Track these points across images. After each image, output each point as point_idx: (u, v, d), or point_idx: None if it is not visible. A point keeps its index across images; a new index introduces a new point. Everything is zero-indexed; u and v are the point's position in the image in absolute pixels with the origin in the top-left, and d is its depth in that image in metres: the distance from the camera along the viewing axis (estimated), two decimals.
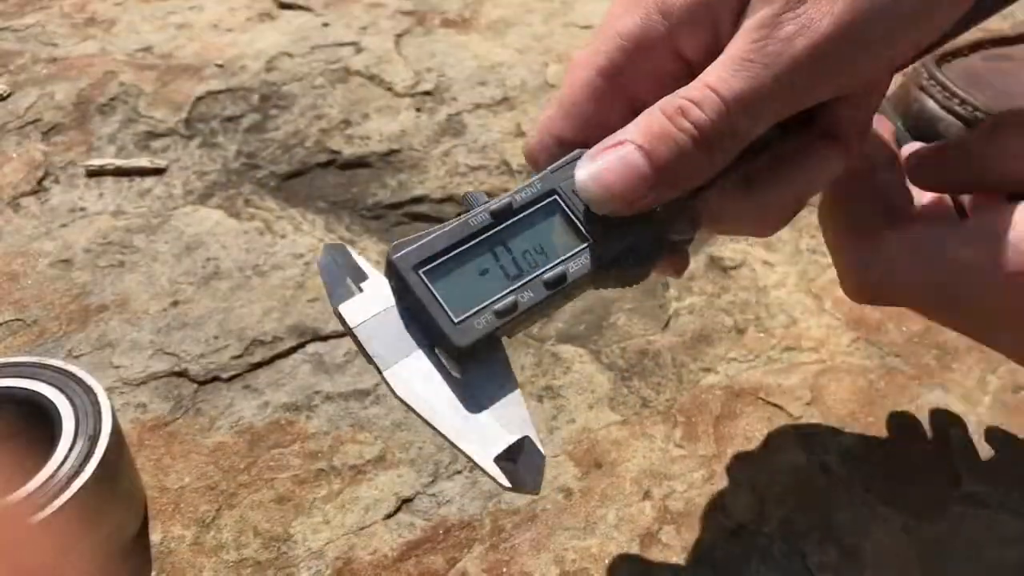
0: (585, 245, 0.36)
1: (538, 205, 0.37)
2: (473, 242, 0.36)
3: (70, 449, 0.45)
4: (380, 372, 0.34)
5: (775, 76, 0.34)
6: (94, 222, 0.68)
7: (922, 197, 0.44)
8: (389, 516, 0.50)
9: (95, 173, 0.72)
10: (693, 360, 0.57)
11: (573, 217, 0.37)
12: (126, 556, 0.48)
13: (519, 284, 0.36)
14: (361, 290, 0.35)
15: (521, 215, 0.36)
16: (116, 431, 0.46)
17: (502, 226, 0.36)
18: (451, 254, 0.35)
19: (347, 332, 0.35)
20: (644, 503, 0.50)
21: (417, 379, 0.34)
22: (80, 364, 0.55)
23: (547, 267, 0.36)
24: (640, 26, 0.37)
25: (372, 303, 0.35)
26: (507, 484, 0.33)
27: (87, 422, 0.46)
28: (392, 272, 0.35)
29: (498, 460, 0.33)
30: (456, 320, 0.34)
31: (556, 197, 0.37)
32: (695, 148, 0.35)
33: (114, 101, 0.79)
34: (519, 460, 0.33)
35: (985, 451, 0.52)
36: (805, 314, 0.60)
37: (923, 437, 0.53)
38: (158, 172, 0.72)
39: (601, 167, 0.35)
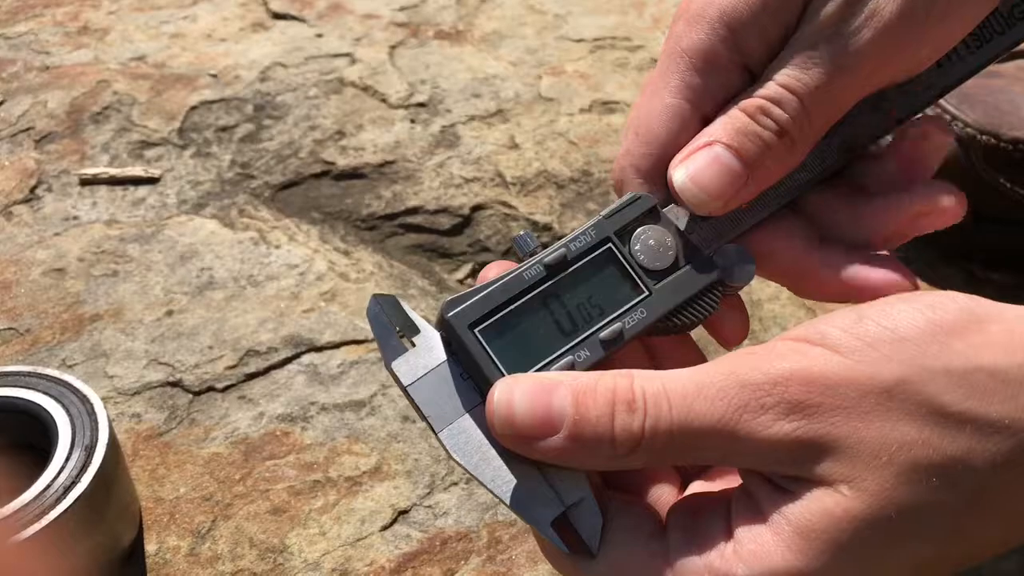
0: (642, 298, 0.36)
1: (592, 255, 0.36)
2: (527, 297, 0.35)
3: (66, 460, 0.44)
4: (435, 433, 0.33)
5: (845, 68, 0.36)
6: (87, 231, 0.68)
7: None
8: (385, 528, 0.50)
9: (88, 182, 0.72)
10: None
11: (628, 268, 0.36)
12: (121, 566, 0.48)
13: (575, 342, 0.35)
14: (413, 344, 0.34)
15: (575, 266, 0.35)
16: (112, 441, 0.46)
17: (556, 279, 0.35)
18: (506, 311, 0.34)
19: (400, 389, 0.34)
20: None
21: (471, 439, 0.33)
22: (74, 374, 0.55)
23: (603, 323, 0.35)
24: (706, 41, 0.37)
25: (425, 359, 0.34)
26: (565, 549, 0.32)
27: (83, 432, 0.46)
28: (446, 329, 0.34)
29: (555, 524, 0.32)
30: None
31: (611, 246, 0.36)
32: (779, 142, 0.36)
33: (107, 110, 0.79)
34: (577, 523, 0.32)
35: None
36: None
37: None
38: (152, 181, 0.72)
39: (697, 167, 0.36)
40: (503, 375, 0.33)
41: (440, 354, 0.34)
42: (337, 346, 0.60)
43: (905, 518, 0.28)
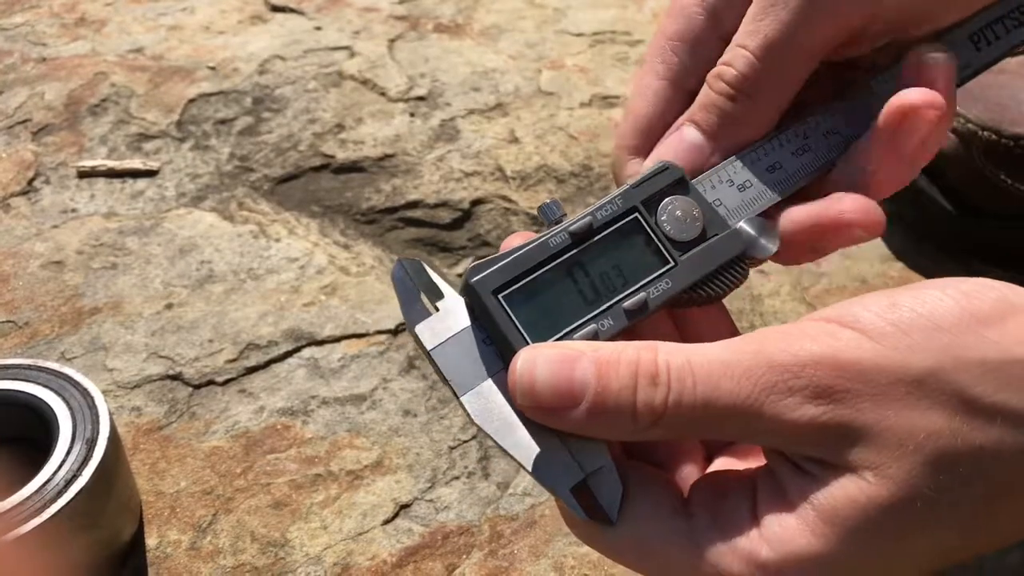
0: (667, 268, 0.36)
1: (618, 224, 0.36)
2: (552, 264, 0.35)
3: (67, 453, 0.44)
4: (457, 396, 0.33)
5: (794, 15, 0.36)
6: (86, 223, 0.67)
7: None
8: (387, 522, 0.50)
9: (87, 174, 0.71)
10: None
11: (655, 237, 0.36)
12: (122, 561, 0.47)
13: (599, 311, 0.34)
14: (437, 309, 0.34)
15: (601, 235, 0.35)
16: (113, 435, 0.46)
17: (582, 247, 0.35)
18: (530, 277, 0.34)
19: (423, 352, 0.34)
20: None
21: (493, 404, 0.33)
22: (73, 367, 0.54)
23: (628, 292, 0.35)
24: (684, 23, 0.39)
25: (448, 324, 0.34)
26: (584, 516, 0.32)
27: (84, 426, 0.45)
28: (470, 294, 0.34)
29: (574, 490, 0.32)
30: None
31: (637, 215, 0.36)
32: (735, 105, 0.37)
33: (105, 102, 0.78)
34: (597, 490, 0.33)
35: None
36: None
37: None
38: (150, 174, 0.72)
39: (661, 149, 0.38)
40: (527, 342, 0.33)
41: (464, 319, 0.34)
42: (338, 340, 0.59)
43: (930, 507, 0.28)
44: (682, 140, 0.38)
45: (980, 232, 0.63)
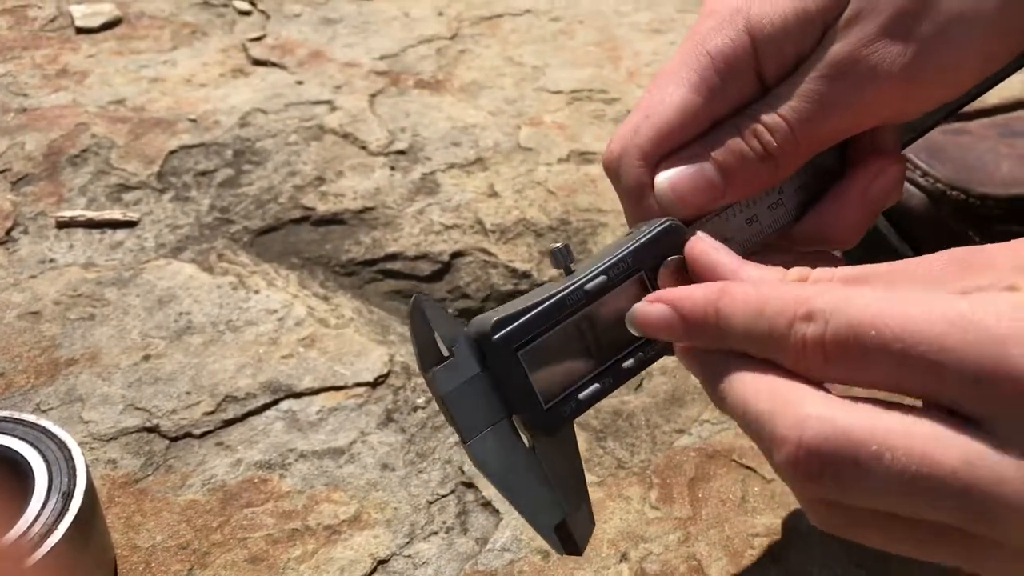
0: None
1: (625, 283, 0.37)
2: (566, 322, 0.36)
3: (43, 507, 0.44)
4: (463, 441, 0.36)
5: (840, 112, 0.38)
6: (64, 274, 0.67)
7: None
8: None
9: (65, 224, 0.71)
10: (666, 421, 0.58)
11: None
12: None
13: (603, 368, 0.37)
14: (452, 355, 0.36)
15: (609, 294, 0.37)
16: (90, 488, 0.45)
17: (593, 305, 0.37)
18: (546, 335, 0.36)
19: (434, 395, 0.36)
20: (621, 565, 0.50)
21: (495, 448, 0.36)
22: (49, 418, 0.54)
23: (627, 351, 0.37)
24: (730, 47, 0.39)
25: (461, 370, 0.36)
26: (562, 551, 0.36)
27: (60, 478, 0.45)
28: (490, 348, 0.35)
29: (557, 529, 0.36)
30: (546, 406, 0.36)
31: (643, 275, 0.37)
32: (761, 165, 0.39)
33: (85, 153, 0.78)
34: (574, 528, 0.36)
35: None
36: None
37: None
38: (130, 225, 0.72)
39: (680, 177, 0.39)
40: (539, 400, 0.36)
41: (474, 365, 0.36)
42: (316, 392, 0.59)
43: None
44: (704, 176, 0.39)
45: None
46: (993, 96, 0.54)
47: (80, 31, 0.94)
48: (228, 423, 0.57)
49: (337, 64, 0.91)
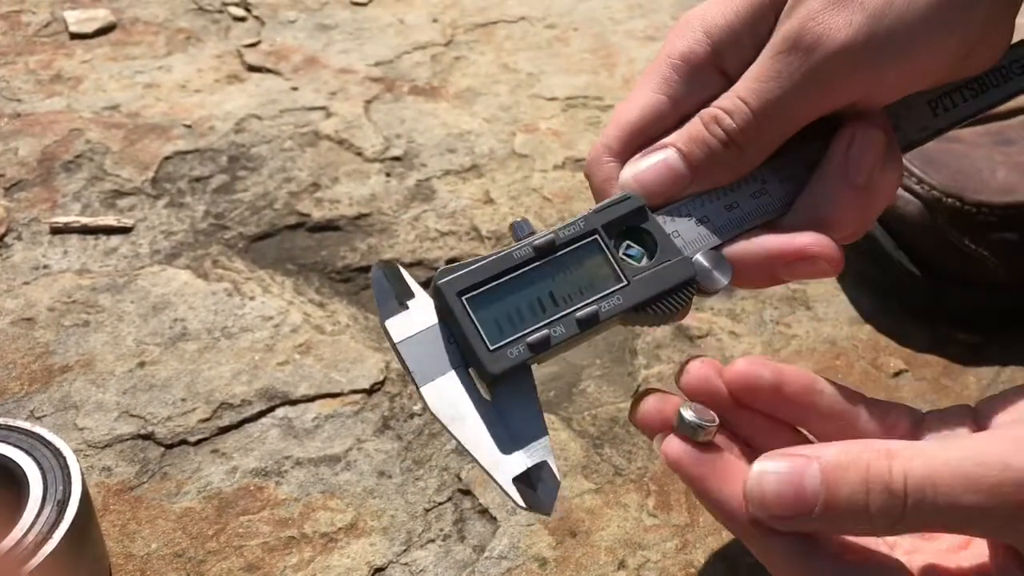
0: (620, 286, 0.39)
1: (579, 243, 0.39)
2: (514, 274, 0.38)
3: (38, 515, 0.43)
4: (417, 387, 0.37)
5: (796, 85, 0.38)
6: (58, 280, 0.67)
7: None
8: None
9: (59, 230, 0.71)
10: None
11: (611, 258, 0.39)
12: None
13: (553, 318, 0.38)
14: (407, 307, 0.38)
15: (562, 252, 0.39)
16: (85, 496, 0.45)
17: (543, 261, 0.38)
18: (493, 284, 0.38)
19: (391, 346, 0.38)
20: (619, 573, 0.50)
21: (450, 397, 0.37)
22: (44, 426, 0.54)
23: (581, 304, 0.38)
24: (688, 46, 0.41)
25: (416, 321, 0.38)
26: (522, 504, 0.36)
27: (55, 486, 0.45)
28: (437, 295, 0.37)
29: (516, 481, 0.36)
30: (491, 348, 0.37)
31: (597, 237, 0.39)
32: (725, 151, 0.40)
33: (80, 158, 0.78)
34: (537, 483, 0.36)
35: None
36: None
37: None
38: (124, 231, 0.72)
39: (643, 167, 0.40)
40: (484, 342, 0.37)
41: (431, 318, 0.38)
42: (312, 399, 0.59)
43: None
44: (667, 165, 0.40)
45: (946, 296, 0.65)
46: None
47: (74, 36, 0.94)
48: (224, 430, 0.57)
49: (332, 70, 0.91)
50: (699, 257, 0.40)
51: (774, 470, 0.33)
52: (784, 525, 0.33)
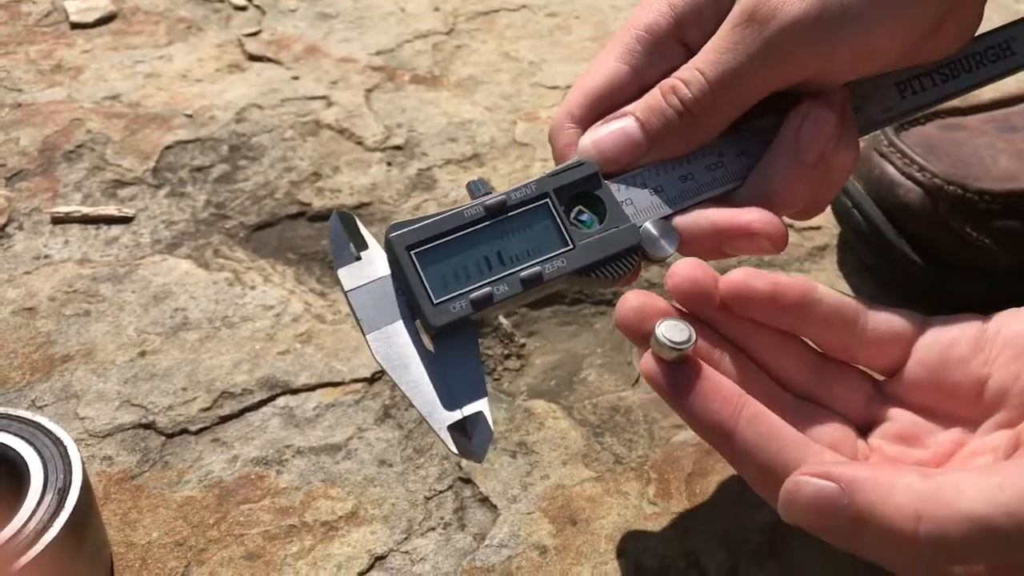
0: (565, 249, 0.40)
1: (530, 206, 0.40)
2: (464, 232, 0.39)
3: (38, 504, 0.44)
4: (364, 334, 0.38)
5: (751, 57, 0.39)
6: (59, 270, 0.67)
7: None
8: (362, 574, 0.49)
9: (60, 220, 0.71)
10: (664, 417, 0.58)
11: (559, 222, 0.40)
12: None
13: (498, 277, 0.39)
14: (360, 258, 0.39)
15: (512, 213, 0.40)
16: (86, 485, 0.45)
17: (493, 221, 0.39)
18: (442, 240, 0.39)
19: (343, 293, 0.39)
20: (619, 560, 0.50)
21: (395, 346, 0.38)
22: (44, 415, 0.54)
23: (526, 264, 0.39)
24: (651, 18, 0.42)
25: (369, 271, 0.39)
26: (455, 451, 0.38)
27: (56, 475, 0.45)
28: (388, 248, 0.39)
29: (451, 429, 0.38)
30: (435, 301, 0.38)
31: (547, 201, 0.40)
32: (680, 121, 0.41)
33: (81, 148, 0.78)
34: (472, 433, 0.38)
35: None
36: None
37: None
38: (125, 221, 0.72)
39: (602, 134, 0.41)
40: (428, 295, 0.38)
41: (383, 270, 0.39)
42: (313, 388, 0.59)
43: None
44: (624, 132, 0.41)
45: (948, 283, 0.64)
46: (990, 91, 0.54)
47: (75, 26, 0.94)
48: (224, 419, 0.57)
49: (333, 59, 0.91)
50: (648, 225, 0.41)
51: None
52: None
